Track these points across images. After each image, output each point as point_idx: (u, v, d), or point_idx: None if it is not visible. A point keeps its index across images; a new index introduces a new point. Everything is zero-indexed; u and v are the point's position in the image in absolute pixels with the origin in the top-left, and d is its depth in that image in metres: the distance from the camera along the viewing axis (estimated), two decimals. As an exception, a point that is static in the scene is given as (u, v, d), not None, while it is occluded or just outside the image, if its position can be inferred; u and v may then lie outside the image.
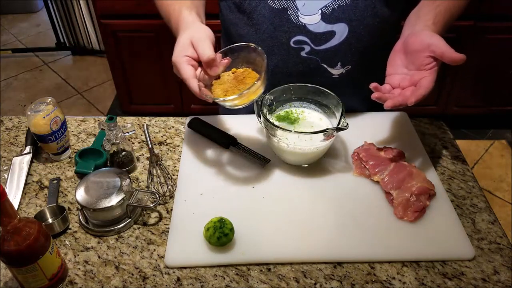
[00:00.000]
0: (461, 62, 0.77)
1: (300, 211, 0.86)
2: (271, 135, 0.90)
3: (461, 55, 0.77)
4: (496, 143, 2.43)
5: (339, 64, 0.99)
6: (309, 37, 0.95)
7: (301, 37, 0.95)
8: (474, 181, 0.95)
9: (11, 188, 0.93)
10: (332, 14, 0.92)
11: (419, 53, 0.81)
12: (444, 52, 0.78)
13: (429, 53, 0.79)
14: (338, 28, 0.94)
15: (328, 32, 0.94)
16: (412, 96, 0.78)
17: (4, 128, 1.11)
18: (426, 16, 0.86)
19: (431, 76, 0.79)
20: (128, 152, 0.96)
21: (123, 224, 0.84)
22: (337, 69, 1.00)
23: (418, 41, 0.81)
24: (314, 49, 0.97)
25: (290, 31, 0.95)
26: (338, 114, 0.92)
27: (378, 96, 0.80)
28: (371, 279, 0.76)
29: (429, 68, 0.80)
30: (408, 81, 0.83)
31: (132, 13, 2.06)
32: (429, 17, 0.85)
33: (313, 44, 0.96)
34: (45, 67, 3.14)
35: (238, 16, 1.00)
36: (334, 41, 0.95)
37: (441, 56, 0.78)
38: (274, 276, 0.77)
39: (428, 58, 0.80)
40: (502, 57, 2.14)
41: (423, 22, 0.85)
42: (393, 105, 0.79)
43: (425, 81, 0.79)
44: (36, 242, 0.68)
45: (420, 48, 0.81)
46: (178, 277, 0.77)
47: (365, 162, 0.93)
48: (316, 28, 0.94)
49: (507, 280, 0.76)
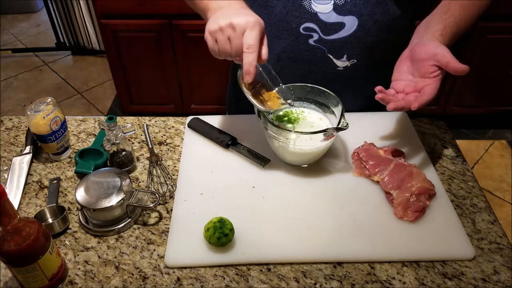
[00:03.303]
0: (464, 73, 0.81)
1: (300, 211, 0.86)
2: (271, 135, 0.90)
3: (464, 66, 0.80)
4: (496, 143, 2.43)
5: (345, 57, 1.00)
6: (319, 26, 0.96)
7: (311, 25, 0.96)
8: (474, 181, 0.95)
9: (11, 188, 0.93)
10: (344, 6, 0.93)
11: (424, 61, 0.84)
12: (448, 62, 0.81)
13: (434, 62, 0.83)
14: (348, 21, 0.95)
15: (338, 23, 0.95)
16: (416, 101, 0.82)
17: (4, 128, 1.11)
18: (435, 27, 0.89)
19: (435, 84, 0.83)
20: (128, 152, 0.96)
21: (123, 224, 0.85)
22: (343, 61, 1.00)
23: (424, 50, 0.85)
24: (323, 38, 0.97)
25: (301, 17, 0.96)
26: (338, 114, 0.92)
27: (382, 97, 0.84)
28: (371, 279, 0.76)
29: (434, 76, 0.84)
30: (412, 87, 0.86)
31: (132, 13, 2.06)
32: (437, 28, 0.88)
33: (322, 33, 0.97)
34: (45, 67, 3.14)
35: None
36: (343, 32, 0.96)
37: (446, 65, 0.81)
38: (274, 276, 0.77)
39: (433, 66, 0.83)
40: (502, 57, 2.14)
41: (431, 33, 0.88)
42: (395, 107, 0.83)
43: (428, 88, 0.83)
44: (36, 242, 0.68)
45: (426, 57, 0.84)
46: (178, 277, 0.77)
47: (365, 162, 0.93)
48: (327, 18, 0.95)
49: (507, 280, 0.76)
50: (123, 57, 2.22)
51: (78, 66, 3.16)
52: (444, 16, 0.90)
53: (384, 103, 0.84)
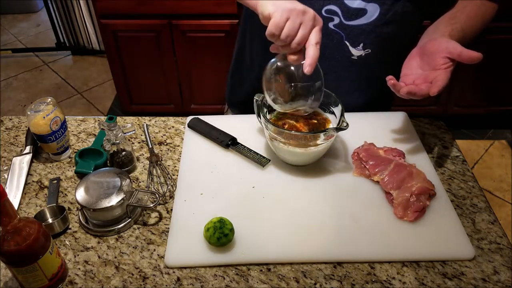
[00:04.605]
0: (478, 60, 0.81)
1: (300, 211, 0.86)
2: (271, 135, 0.90)
3: (478, 54, 0.81)
4: (496, 143, 2.43)
5: (361, 45, 1.00)
6: (341, 9, 0.96)
7: (334, 8, 0.96)
8: (474, 181, 0.95)
9: (11, 188, 0.93)
10: None
11: (435, 54, 0.85)
12: (461, 51, 0.82)
13: (446, 54, 0.84)
14: (370, 8, 0.95)
15: (361, 9, 0.95)
16: (434, 86, 0.82)
17: (4, 128, 1.12)
18: (443, 29, 0.91)
19: (446, 74, 0.84)
20: (128, 152, 0.96)
21: (123, 224, 0.85)
22: (358, 50, 1.00)
23: (436, 44, 0.86)
24: (343, 23, 0.97)
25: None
26: (338, 114, 0.92)
27: (394, 82, 0.84)
28: (371, 279, 0.76)
29: (445, 67, 0.84)
30: (422, 79, 0.86)
31: (132, 13, 2.07)
32: (446, 30, 0.91)
33: (343, 17, 0.97)
34: (45, 67, 3.14)
35: None
36: (364, 19, 0.96)
37: (459, 55, 0.82)
38: (274, 276, 0.77)
39: (444, 58, 0.84)
40: (502, 57, 2.13)
41: (440, 33, 0.90)
42: (408, 91, 0.83)
43: (440, 77, 0.83)
44: (36, 242, 0.68)
45: (437, 50, 0.85)
46: (178, 277, 0.77)
47: (365, 162, 0.93)
48: (351, 3, 0.95)
49: (507, 280, 0.76)
50: (123, 57, 2.22)
51: (78, 66, 3.16)
52: (452, 21, 0.92)
53: (396, 89, 0.85)
